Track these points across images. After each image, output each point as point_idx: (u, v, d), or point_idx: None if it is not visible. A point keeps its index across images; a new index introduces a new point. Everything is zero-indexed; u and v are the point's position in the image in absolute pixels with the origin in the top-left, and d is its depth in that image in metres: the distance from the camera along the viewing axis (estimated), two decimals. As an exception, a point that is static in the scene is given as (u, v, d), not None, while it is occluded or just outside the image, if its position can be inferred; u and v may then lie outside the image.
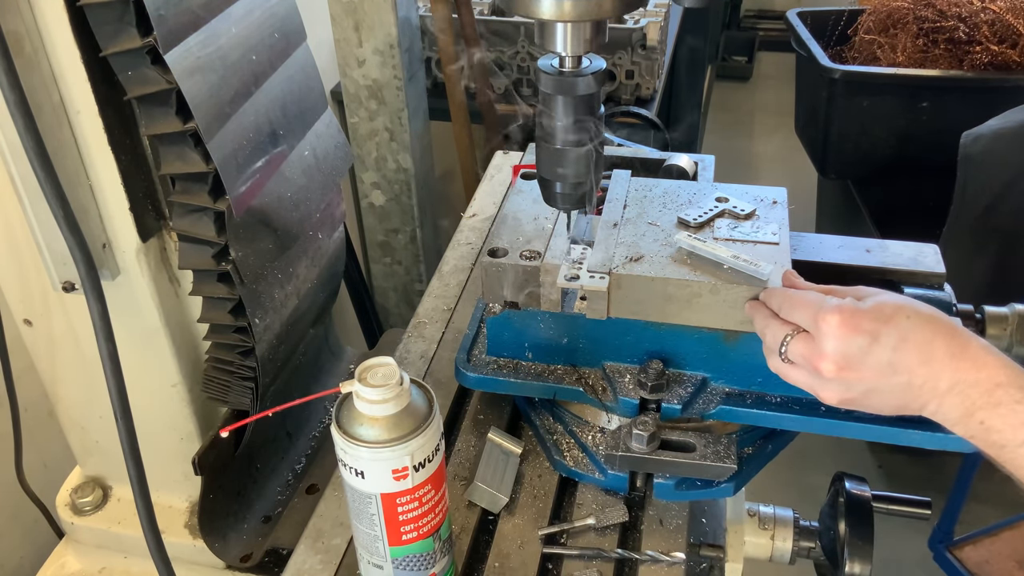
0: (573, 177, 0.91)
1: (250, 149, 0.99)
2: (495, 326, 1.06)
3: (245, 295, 1.02)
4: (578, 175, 0.91)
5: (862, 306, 0.81)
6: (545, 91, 0.87)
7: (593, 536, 1.00)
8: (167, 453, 1.15)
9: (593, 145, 0.90)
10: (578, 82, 0.86)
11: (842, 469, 1.09)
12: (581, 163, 0.90)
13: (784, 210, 1.08)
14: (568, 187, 0.92)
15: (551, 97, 0.88)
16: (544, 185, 0.95)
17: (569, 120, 0.88)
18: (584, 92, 0.86)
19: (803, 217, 3.61)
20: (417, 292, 2.52)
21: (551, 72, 0.86)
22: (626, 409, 1.00)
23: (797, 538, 1.09)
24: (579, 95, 0.86)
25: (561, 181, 0.92)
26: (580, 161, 0.90)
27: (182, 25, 0.89)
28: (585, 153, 0.90)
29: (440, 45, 2.32)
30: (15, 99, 0.78)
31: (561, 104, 0.87)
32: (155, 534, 0.89)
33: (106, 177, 0.94)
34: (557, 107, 0.88)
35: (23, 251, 0.99)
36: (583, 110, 0.88)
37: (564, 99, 0.87)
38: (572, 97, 0.87)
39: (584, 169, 0.91)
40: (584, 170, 0.91)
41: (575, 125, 0.88)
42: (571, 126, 0.88)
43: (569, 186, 0.92)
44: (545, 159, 0.92)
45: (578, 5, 0.78)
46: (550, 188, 0.94)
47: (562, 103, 0.87)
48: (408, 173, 2.33)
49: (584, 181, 0.92)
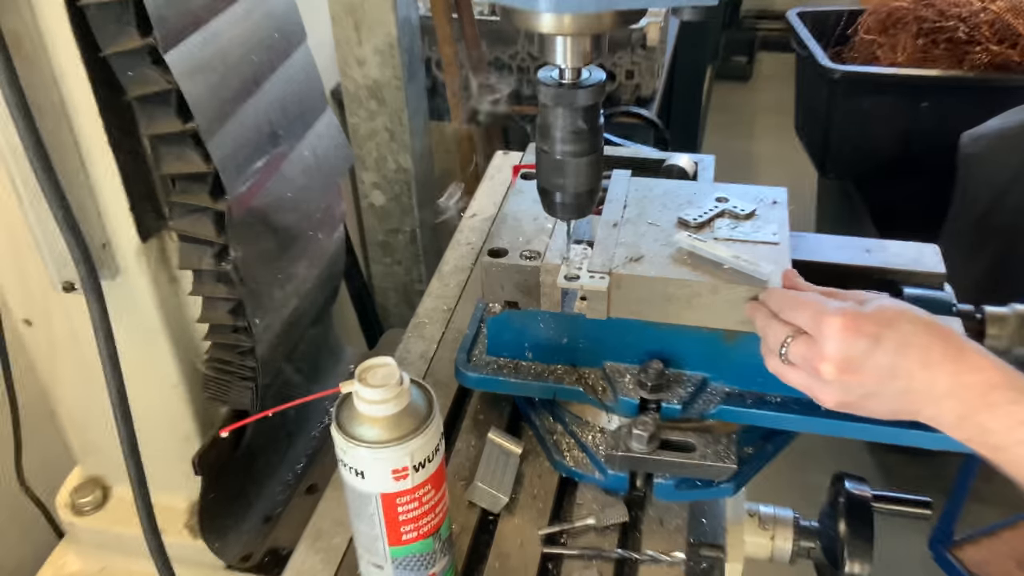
0: (573, 188, 0.92)
1: (250, 149, 0.99)
2: (495, 326, 1.06)
3: (245, 295, 1.02)
4: (578, 186, 0.91)
5: (864, 310, 0.81)
6: (545, 102, 0.88)
7: (593, 536, 1.00)
8: (167, 453, 1.15)
9: (593, 156, 0.90)
10: (578, 94, 0.86)
11: (842, 469, 1.09)
12: (581, 174, 0.91)
13: (784, 210, 1.08)
14: (568, 197, 0.93)
15: (551, 108, 0.88)
16: (544, 194, 0.95)
17: (569, 131, 0.88)
18: (584, 104, 0.87)
19: (803, 217, 3.62)
20: (417, 292, 2.51)
21: (551, 84, 0.87)
22: (626, 409, 1.00)
23: (797, 538, 1.09)
24: (579, 107, 0.87)
25: (561, 191, 0.92)
26: (580, 172, 0.91)
27: (182, 25, 0.89)
28: (585, 164, 0.90)
29: (440, 45, 2.32)
30: (15, 99, 0.78)
31: (561, 115, 0.88)
32: (155, 534, 0.89)
33: (106, 177, 0.94)
34: (557, 118, 0.88)
35: (23, 251, 0.99)
36: (583, 121, 0.88)
37: (564, 111, 0.87)
38: (572, 109, 0.87)
39: (584, 180, 0.91)
40: (584, 181, 0.91)
41: (575, 136, 0.88)
42: (571, 137, 0.89)
43: (569, 196, 0.93)
44: (545, 169, 0.92)
45: (578, 20, 0.78)
46: (550, 198, 0.94)
47: (562, 114, 0.88)
48: (408, 173, 2.32)
49: (584, 192, 0.92)
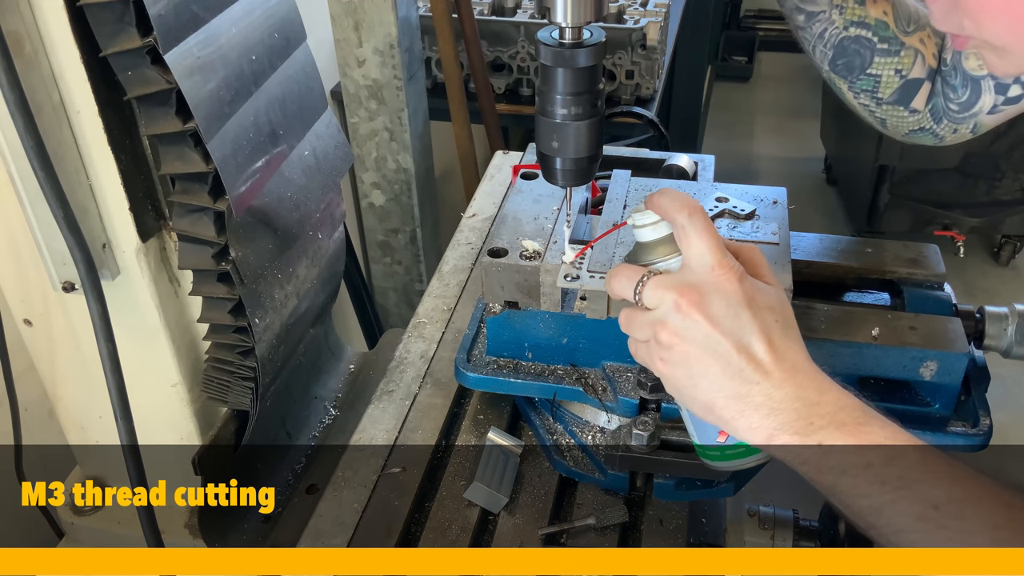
0: (573, 152, 0.89)
1: (250, 149, 0.99)
2: (495, 326, 1.06)
3: (245, 295, 1.02)
4: (578, 150, 0.89)
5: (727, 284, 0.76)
6: (545, 63, 0.85)
7: (593, 536, 1.00)
8: (167, 453, 1.15)
9: (595, 120, 0.88)
10: (578, 54, 0.84)
11: (842, 469, 1.09)
12: (582, 137, 0.88)
13: (784, 210, 1.08)
14: (568, 163, 0.91)
15: (551, 69, 0.86)
16: (543, 161, 0.93)
17: (569, 93, 0.86)
18: (584, 64, 0.84)
19: (803, 217, 3.62)
20: (417, 292, 2.52)
21: (551, 44, 0.84)
22: (626, 409, 1.00)
23: (797, 538, 1.09)
24: (579, 67, 0.85)
25: (561, 156, 0.90)
26: (581, 135, 0.88)
27: (182, 25, 0.89)
28: (586, 126, 0.88)
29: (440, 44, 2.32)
30: (15, 99, 0.78)
31: (561, 77, 0.86)
32: (155, 534, 0.89)
33: (106, 177, 0.94)
34: (557, 80, 0.86)
35: (23, 251, 0.99)
36: (584, 83, 0.86)
37: (564, 71, 0.85)
38: (572, 69, 0.85)
39: (585, 143, 0.89)
40: (585, 144, 0.89)
41: (575, 98, 0.86)
42: (571, 99, 0.86)
43: (569, 161, 0.91)
44: (545, 134, 0.90)
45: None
46: (550, 164, 0.92)
47: (562, 75, 0.86)
48: (408, 173, 2.33)
49: (584, 156, 0.90)
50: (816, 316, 1.00)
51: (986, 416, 0.98)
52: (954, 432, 0.97)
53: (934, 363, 0.96)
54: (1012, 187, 3.47)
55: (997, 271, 3.74)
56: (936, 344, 0.96)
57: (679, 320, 0.76)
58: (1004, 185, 3.47)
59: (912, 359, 0.96)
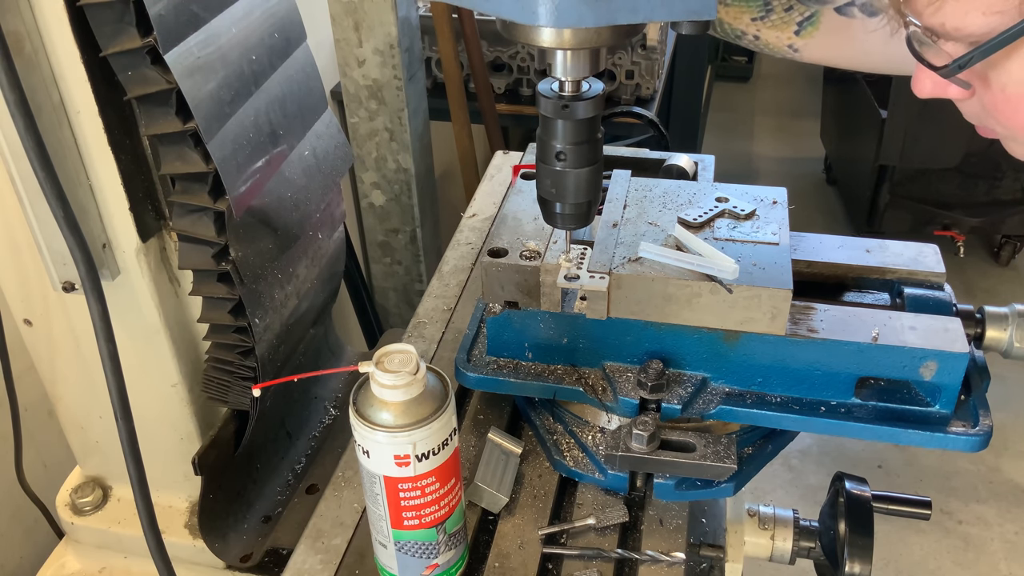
0: (573, 198, 0.92)
1: (250, 149, 0.99)
2: (495, 326, 1.06)
3: (245, 295, 1.02)
4: (578, 196, 0.92)
5: None
6: (545, 114, 0.88)
7: (593, 536, 1.00)
8: (167, 453, 1.15)
9: (594, 167, 0.90)
10: (577, 106, 0.86)
11: (842, 469, 1.09)
12: (581, 184, 0.91)
13: (784, 210, 1.08)
14: (568, 208, 0.93)
15: (550, 120, 0.88)
16: (543, 204, 0.95)
17: (569, 143, 0.89)
18: (583, 116, 0.87)
19: (803, 217, 3.62)
20: (417, 292, 2.52)
21: (550, 96, 0.87)
22: (626, 409, 1.00)
23: (797, 538, 1.09)
24: (579, 119, 0.87)
25: (561, 202, 0.93)
26: (580, 183, 0.91)
27: (182, 25, 0.89)
28: (585, 174, 0.90)
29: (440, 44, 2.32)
30: (15, 99, 0.78)
31: (560, 128, 0.88)
32: (155, 534, 0.89)
33: (106, 177, 0.94)
34: (556, 130, 0.88)
35: (23, 251, 0.99)
36: (583, 133, 0.88)
37: (564, 123, 0.88)
38: (572, 121, 0.87)
39: (584, 190, 0.92)
40: (584, 190, 0.92)
41: (575, 148, 0.89)
42: (570, 149, 0.89)
43: (569, 207, 0.93)
44: (545, 180, 0.92)
45: (577, 34, 0.78)
46: (550, 208, 0.95)
47: (562, 127, 0.88)
48: (408, 173, 2.33)
49: (584, 202, 0.92)
50: (816, 316, 1.00)
51: (986, 416, 0.98)
52: (954, 432, 0.97)
53: (934, 363, 0.96)
54: (1012, 187, 3.48)
55: (997, 271, 3.74)
56: (936, 344, 0.96)
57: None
58: (1004, 185, 3.48)
59: (912, 359, 0.96)
